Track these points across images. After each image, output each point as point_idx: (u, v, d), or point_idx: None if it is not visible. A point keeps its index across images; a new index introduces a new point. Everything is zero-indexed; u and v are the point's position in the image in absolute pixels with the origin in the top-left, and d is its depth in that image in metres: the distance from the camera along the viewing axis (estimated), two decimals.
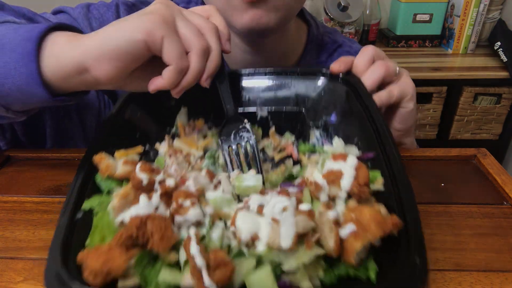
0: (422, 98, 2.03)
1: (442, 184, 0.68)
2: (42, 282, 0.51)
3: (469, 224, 0.59)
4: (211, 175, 0.59)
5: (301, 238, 0.46)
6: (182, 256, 0.47)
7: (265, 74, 0.78)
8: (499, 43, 2.07)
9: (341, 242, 0.46)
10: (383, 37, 2.33)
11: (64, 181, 0.71)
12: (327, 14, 2.16)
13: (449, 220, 0.60)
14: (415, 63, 2.07)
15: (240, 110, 0.77)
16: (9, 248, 0.57)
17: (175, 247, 0.48)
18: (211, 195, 0.56)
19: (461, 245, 0.55)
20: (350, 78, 0.72)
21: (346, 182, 0.52)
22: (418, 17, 2.21)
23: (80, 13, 0.89)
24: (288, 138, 0.73)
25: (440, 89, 1.99)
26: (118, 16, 0.90)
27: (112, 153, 0.61)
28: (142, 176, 0.53)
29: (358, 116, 0.67)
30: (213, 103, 0.73)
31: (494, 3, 2.11)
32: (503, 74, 1.93)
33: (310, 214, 0.47)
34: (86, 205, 0.53)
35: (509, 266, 0.52)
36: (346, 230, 0.46)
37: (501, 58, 2.01)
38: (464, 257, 0.53)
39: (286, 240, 0.44)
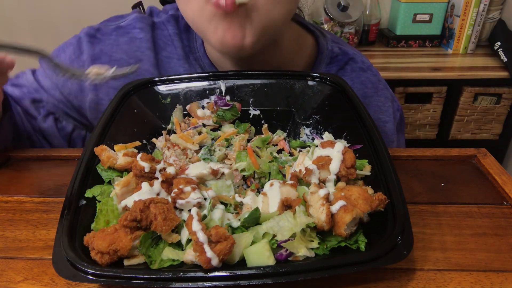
0: (422, 98, 2.03)
1: (442, 184, 0.68)
2: (42, 281, 0.51)
3: (469, 224, 0.59)
4: (215, 172, 0.61)
5: (288, 208, 0.53)
6: (184, 237, 0.51)
7: (258, 76, 0.80)
8: (499, 43, 2.07)
9: (332, 216, 0.50)
10: (383, 37, 2.33)
11: (64, 181, 0.71)
12: (327, 14, 2.16)
13: (449, 220, 0.60)
14: (415, 63, 2.07)
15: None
16: (9, 248, 0.57)
17: (177, 230, 0.52)
18: (212, 181, 0.60)
19: (461, 245, 0.55)
20: (337, 80, 0.76)
21: (335, 166, 0.58)
22: (418, 17, 2.21)
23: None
24: (280, 135, 0.76)
25: (440, 89, 1.98)
26: (79, 51, 0.90)
27: (111, 147, 0.63)
28: (144, 164, 0.57)
29: (346, 113, 0.71)
30: None
31: (494, 3, 2.11)
32: (503, 74, 1.93)
33: (293, 185, 0.56)
34: (88, 193, 0.56)
35: (509, 266, 0.52)
36: (337, 205, 0.51)
37: (501, 58, 2.01)
38: (464, 257, 0.53)
39: (273, 206, 0.54)
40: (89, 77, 0.62)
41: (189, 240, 0.50)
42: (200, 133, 0.75)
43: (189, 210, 0.52)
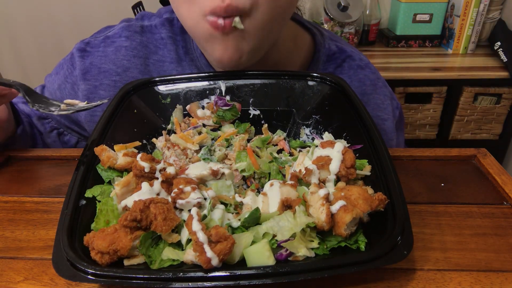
0: (422, 98, 2.03)
1: (442, 184, 0.68)
2: (42, 281, 0.51)
3: (469, 224, 0.59)
4: (215, 173, 0.61)
5: (288, 208, 0.53)
6: (184, 237, 0.51)
7: (258, 76, 0.80)
8: (499, 43, 2.07)
9: (332, 216, 0.50)
10: (383, 37, 2.33)
11: (64, 181, 0.71)
12: (327, 14, 2.16)
13: (449, 220, 0.60)
14: (415, 63, 2.07)
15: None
16: (9, 248, 0.57)
17: (177, 230, 0.52)
18: (212, 181, 0.61)
19: (461, 245, 0.55)
20: (337, 80, 0.76)
21: (334, 166, 0.58)
22: (418, 17, 2.21)
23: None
24: (280, 135, 0.76)
25: (440, 89, 1.99)
26: (72, 68, 0.91)
27: (111, 147, 0.63)
28: (144, 164, 0.56)
29: (346, 113, 0.71)
30: None
31: (494, 3, 2.11)
32: (503, 74, 1.93)
33: (293, 185, 0.56)
34: (88, 193, 0.56)
35: (509, 266, 0.52)
36: (337, 205, 0.51)
37: (501, 58, 2.01)
38: (464, 257, 0.53)
39: (273, 206, 0.54)
40: (61, 108, 0.65)
41: (189, 240, 0.50)
42: (200, 133, 0.75)
43: (189, 210, 0.52)
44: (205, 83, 0.80)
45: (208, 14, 0.65)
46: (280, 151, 0.73)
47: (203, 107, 0.79)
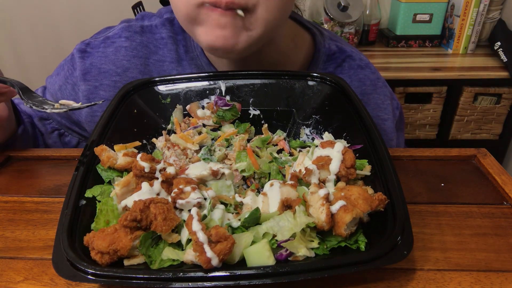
0: (422, 98, 2.03)
1: (442, 184, 0.68)
2: (42, 281, 0.51)
3: (469, 224, 0.59)
4: (215, 173, 0.61)
5: (288, 208, 0.53)
6: (184, 237, 0.51)
7: (258, 76, 0.80)
8: (499, 43, 2.07)
9: (332, 216, 0.50)
10: (383, 37, 2.33)
11: (64, 181, 0.71)
12: (327, 14, 2.16)
13: (449, 220, 0.60)
14: (415, 63, 2.07)
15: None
16: (9, 248, 0.57)
17: (177, 230, 0.52)
18: (212, 181, 0.61)
19: (461, 245, 0.55)
20: (337, 80, 0.76)
21: (334, 166, 0.58)
22: (418, 17, 2.21)
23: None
24: (280, 135, 0.76)
25: (440, 89, 1.99)
26: (73, 68, 0.91)
27: (111, 147, 0.63)
28: (144, 164, 0.56)
29: (346, 113, 0.71)
30: None
31: (494, 3, 2.11)
32: (503, 74, 1.93)
33: (293, 185, 0.56)
34: (88, 193, 0.56)
35: (509, 266, 0.52)
36: (337, 205, 0.51)
37: (501, 58, 2.01)
38: (464, 257, 0.53)
39: (273, 206, 0.54)
40: (55, 107, 0.65)
41: (189, 240, 0.50)
42: (200, 133, 0.75)
43: (189, 210, 0.52)
44: (205, 83, 0.80)
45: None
46: (280, 151, 0.73)
47: (203, 107, 0.79)
